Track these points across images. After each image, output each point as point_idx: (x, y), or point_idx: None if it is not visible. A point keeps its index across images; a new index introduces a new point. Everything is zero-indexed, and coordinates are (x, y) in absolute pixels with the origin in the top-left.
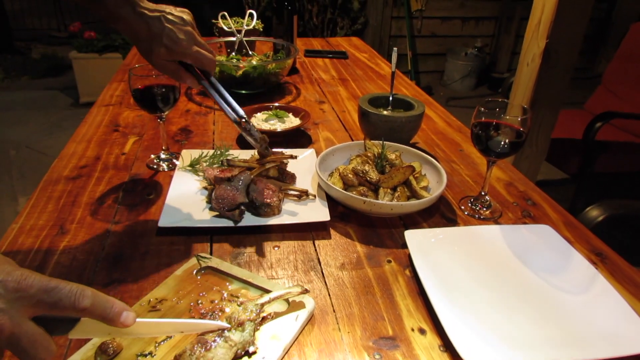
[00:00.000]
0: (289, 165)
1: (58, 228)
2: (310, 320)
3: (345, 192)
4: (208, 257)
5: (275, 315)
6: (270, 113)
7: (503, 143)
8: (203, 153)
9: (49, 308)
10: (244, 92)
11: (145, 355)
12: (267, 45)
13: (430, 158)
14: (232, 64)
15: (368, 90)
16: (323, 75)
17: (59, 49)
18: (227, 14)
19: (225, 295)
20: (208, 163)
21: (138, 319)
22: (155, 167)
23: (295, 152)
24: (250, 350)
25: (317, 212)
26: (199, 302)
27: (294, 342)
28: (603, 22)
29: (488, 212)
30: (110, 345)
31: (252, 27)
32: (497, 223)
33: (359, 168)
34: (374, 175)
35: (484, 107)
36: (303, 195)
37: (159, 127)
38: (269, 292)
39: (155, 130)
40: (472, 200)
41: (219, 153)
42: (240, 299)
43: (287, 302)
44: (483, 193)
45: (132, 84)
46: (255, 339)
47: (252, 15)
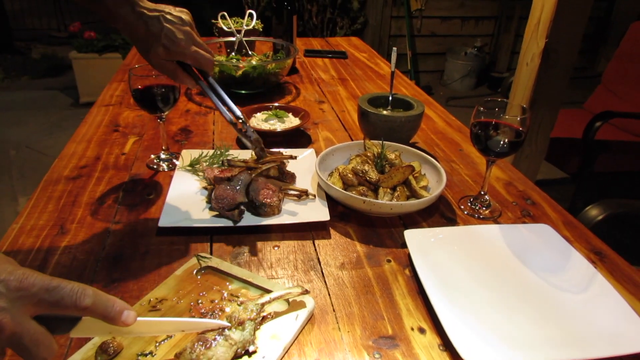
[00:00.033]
0: (289, 165)
1: (58, 228)
2: (310, 320)
3: (345, 191)
4: (208, 256)
5: (275, 315)
6: (270, 113)
7: (502, 143)
8: (203, 153)
9: (51, 307)
10: (244, 92)
11: (146, 355)
12: (266, 45)
13: (430, 158)
14: (231, 64)
15: (367, 90)
16: (323, 75)
17: (59, 49)
18: (226, 14)
19: (225, 295)
20: (208, 163)
21: (139, 318)
22: (155, 167)
23: (295, 152)
24: (250, 350)
25: (316, 211)
26: (199, 301)
27: (294, 341)
28: (602, 21)
29: (487, 211)
30: (111, 345)
31: (251, 27)
32: (496, 222)
33: (359, 168)
34: (374, 175)
35: (483, 106)
36: (303, 195)
37: (159, 127)
38: (269, 291)
39: (155, 130)
40: (471, 200)
41: (219, 153)
42: (240, 299)
43: (287, 301)
44: (482, 192)
45: (132, 84)
46: (256, 338)
47: (251, 15)
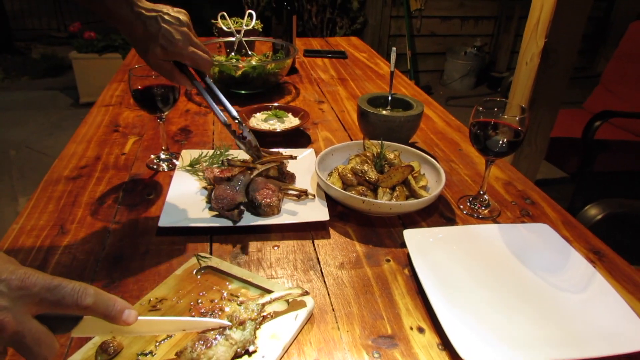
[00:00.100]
0: (289, 165)
1: (58, 228)
2: (310, 319)
3: (345, 191)
4: (208, 256)
5: (275, 315)
6: (270, 113)
7: (501, 142)
8: (203, 153)
9: (52, 306)
10: (243, 92)
11: (146, 354)
12: (266, 45)
13: (429, 157)
14: (231, 64)
15: (367, 90)
16: (322, 75)
17: (59, 49)
18: (226, 14)
19: (225, 295)
20: (208, 163)
21: (140, 317)
22: (155, 167)
23: (295, 152)
24: (251, 349)
25: (316, 211)
26: (199, 301)
27: (294, 341)
28: (602, 21)
29: (487, 211)
30: (111, 345)
31: (251, 27)
32: (495, 222)
33: (358, 168)
34: (373, 175)
35: (482, 106)
36: (302, 195)
37: (159, 127)
38: (269, 291)
39: (155, 131)
40: (470, 200)
41: (219, 153)
42: (240, 299)
43: (286, 301)
44: (482, 192)
45: (131, 85)
46: (256, 338)
47: (251, 16)
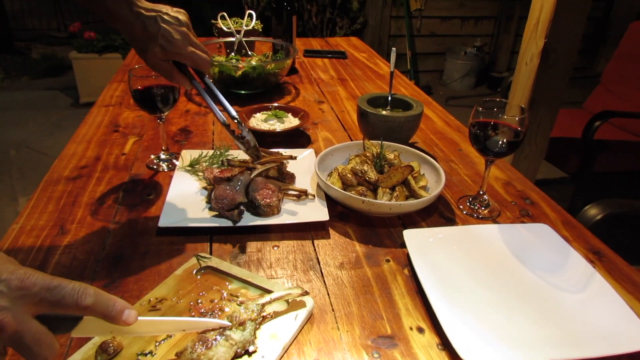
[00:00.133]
0: (288, 165)
1: (58, 228)
2: (310, 320)
3: (344, 191)
4: (208, 256)
5: (275, 315)
6: (270, 113)
7: (501, 143)
8: (203, 153)
9: (52, 306)
10: (243, 92)
11: (146, 355)
12: (266, 46)
13: (429, 158)
14: (231, 65)
15: (367, 90)
16: (322, 75)
17: (59, 49)
18: (226, 15)
19: (225, 295)
20: (208, 163)
21: (140, 318)
22: (155, 167)
23: (295, 152)
24: (250, 350)
25: (316, 211)
26: (199, 301)
27: (293, 341)
28: (602, 21)
29: (486, 211)
30: (111, 345)
31: (251, 27)
32: (495, 222)
33: (358, 168)
34: (373, 175)
35: (482, 106)
36: (302, 195)
37: (159, 127)
38: (269, 291)
39: (155, 131)
40: (470, 200)
41: (219, 153)
42: (240, 299)
43: (286, 301)
44: (481, 192)
45: (131, 85)
46: (256, 338)
47: (251, 16)
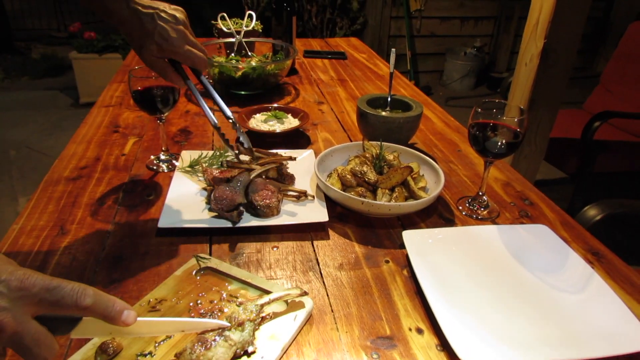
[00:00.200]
0: (288, 166)
1: (58, 229)
2: (309, 320)
3: (344, 192)
4: (207, 257)
5: (274, 315)
6: (269, 114)
7: (500, 144)
8: (202, 154)
9: (52, 307)
10: (243, 93)
11: (145, 355)
12: (266, 46)
13: (428, 159)
14: (231, 65)
15: (367, 91)
16: (322, 76)
17: (59, 49)
18: (226, 15)
19: (225, 296)
20: (207, 164)
21: (139, 318)
22: (155, 168)
23: (294, 152)
24: (250, 350)
25: (315, 212)
26: (199, 302)
27: (293, 341)
28: (601, 21)
29: (486, 212)
30: (111, 345)
31: (251, 28)
32: (494, 223)
33: (358, 169)
34: (372, 176)
35: (481, 107)
36: (302, 196)
37: (159, 128)
38: (268, 292)
39: (155, 131)
40: (469, 201)
41: (219, 154)
42: (240, 300)
43: (285, 302)
44: (480, 193)
45: (131, 86)
46: (255, 339)
47: (251, 16)
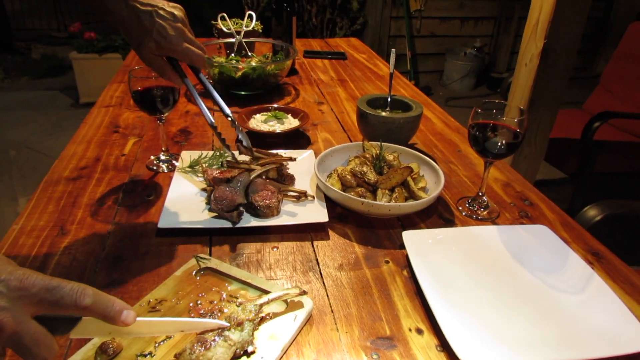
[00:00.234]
0: (288, 167)
1: (58, 229)
2: (309, 321)
3: (344, 193)
4: (207, 258)
5: (274, 316)
6: (269, 114)
7: (500, 144)
8: (202, 154)
9: (51, 306)
10: (243, 93)
11: (145, 356)
12: (266, 47)
13: (428, 159)
14: (231, 66)
15: (367, 91)
16: (322, 76)
17: (59, 50)
18: (226, 15)
19: (225, 296)
20: (207, 164)
21: (138, 318)
22: (155, 168)
23: (294, 153)
24: (249, 350)
25: (315, 213)
26: (199, 302)
27: (293, 342)
28: (601, 21)
29: (485, 212)
30: (110, 345)
31: (251, 28)
32: (494, 223)
33: (357, 169)
34: (372, 177)
35: (481, 108)
36: (302, 197)
37: (159, 128)
38: (268, 292)
39: (155, 132)
40: (469, 201)
41: (218, 154)
42: (240, 300)
43: (285, 302)
44: (480, 194)
45: (131, 86)
46: (254, 339)
47: (251, 17)
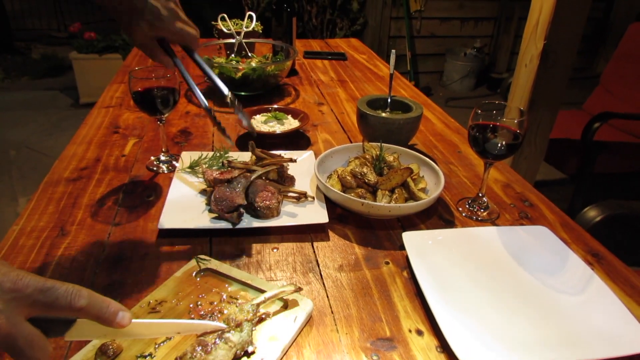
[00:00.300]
0: (288, 168)
1: (58, 230)
2: (309, 322)
3: (344, 194)
4: (207, 258)
5: (274, 316)
6: (269, 115)
7: (500, 145)
8: (202, 155)
9: (45, 308)
10: (243, 93)
11: (145, 357)
12: (266, 47)
13: (428, 160)
14: (231, 66)
15: (367, 92)
16: (322, 77)
17: (59, 50)
18: (226, 16)
19: (225, 297)
20: (207, 165)
21: (134, 320)
22: (155, 169)
23: (294, 154)
24: (249, 350)
25: (315, 214)
26: (199, 303)
27: (293, 343)
28: (601, 22)
29: (485, 213)
30: (110, 347)
31: (251, 28)
32: (494, 224)
33: (357, 170)
34: (372, 177)
35: (481, 109)
36: (302, 197)
37: (159, 129)
38: None
39: (155, 132)
40: (469, 202)
41: (219, 155)
42: (240, 301)
43: (285, 303)
44: (480, 194)
45: (132, 87)
46: (254, 339)
47: (251, 17)
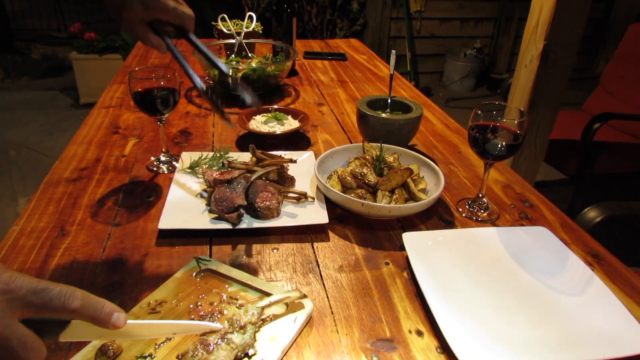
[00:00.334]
0: (289, 169)
1: (58, 230)
2: (309, 323)
3: (344, 194)
4: (207, 259)
5: (274, 317)
6: (270, 115)
7: (500, 146)
8: (203, 155)
9: (39, 309)
10: None
11: (145, 357)
12: (266, 48)
13: (428, 160)
14: (231, 67)
15: (367, 92)
16: (322, 77)
17: (59, 50)
18: (226, 16)
19: (225, 298)
20: (207, 165)
21: (130, 321)
22: (155, 169)
23: (294, 154)
24: (250, 353)
25: (315, 214)
26: (199, 304)
27: (293, 344)
28: (601, 22)
29: (485, 214)
30: (110, 347)
31: (251, 29)
32: (494, 225)
33: (358, 170)
34: (372, 178)
35: (481, 109)
36: (302, 198)
37: (159, 129)
38: (268, 294)
39: (155, 133)
40: (469, 203)
41: (219, 155)
42: (240, 302)
43: (285, 304)
44: (480, 195)
45: (132, 87)
46: (256, 342)
47: (251, 18)
